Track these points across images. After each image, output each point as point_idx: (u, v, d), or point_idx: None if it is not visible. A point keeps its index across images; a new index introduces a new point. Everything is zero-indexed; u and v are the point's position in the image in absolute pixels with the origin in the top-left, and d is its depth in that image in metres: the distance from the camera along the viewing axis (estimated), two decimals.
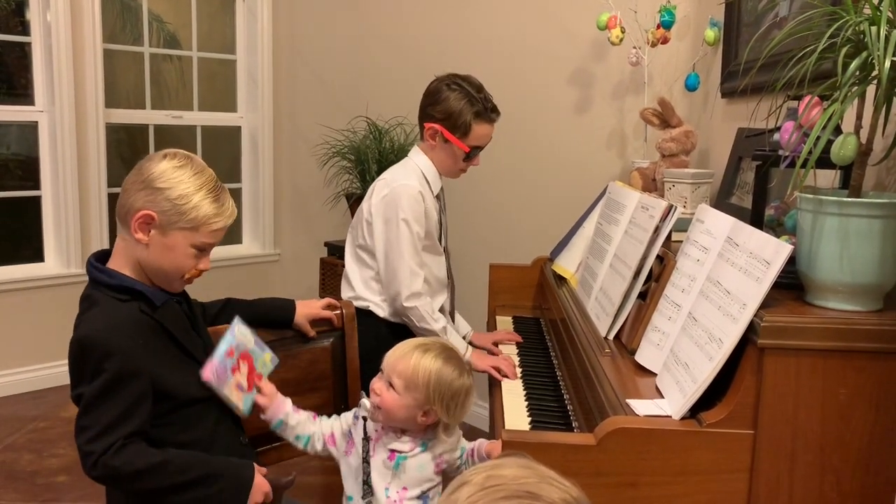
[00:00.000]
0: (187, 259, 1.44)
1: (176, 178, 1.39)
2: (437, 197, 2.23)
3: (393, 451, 1.48)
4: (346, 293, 2.25)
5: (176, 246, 1.42)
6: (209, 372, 1.47)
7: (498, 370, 1.99)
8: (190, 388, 1.45)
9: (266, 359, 1.60)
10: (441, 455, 1.50)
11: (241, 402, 1.52)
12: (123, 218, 1.42)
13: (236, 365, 1.52)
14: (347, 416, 1.58)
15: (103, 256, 1.48)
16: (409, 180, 2.11)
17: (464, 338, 2.31)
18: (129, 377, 1.34)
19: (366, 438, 1.51)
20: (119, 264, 1.45)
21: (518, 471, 0.73)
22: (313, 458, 1.63)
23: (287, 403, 1.59)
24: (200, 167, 1.44)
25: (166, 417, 1.41)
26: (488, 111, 2.14)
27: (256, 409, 1.57)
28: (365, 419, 1.51)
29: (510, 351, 2.18)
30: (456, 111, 2.09)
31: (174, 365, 1.44)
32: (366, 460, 1.50)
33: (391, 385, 1.45)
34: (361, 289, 2.19)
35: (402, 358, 1.46)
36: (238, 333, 1.55)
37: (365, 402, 1.49)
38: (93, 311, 1.39)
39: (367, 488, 1.48)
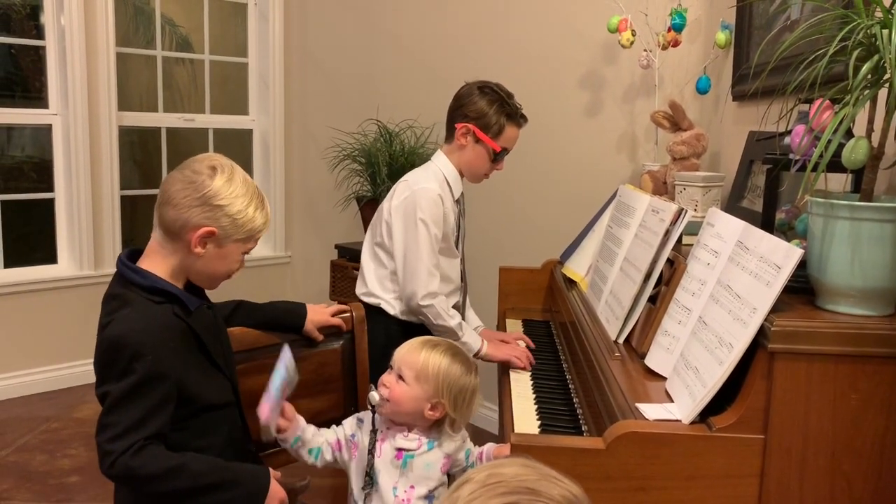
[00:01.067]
0: (237, 263, 1.51)
1: (232, 193, 1.43)
2: (458, 201, 2.26)
3: (400, 449, 1.51)
4: (359, 289, 2.29)
5: (230, 255, 1.48)
6: (266, 412, 1.47)
7: (517, 358, 2.06)
8: (210, 394, 1.47)
9: (294, 381, 1.59)
10: (447, 455, 1.52)
11: (272, 424, 1.51)
12: (177, 231, 1.43)
13: (286, 393, 1.53)
14: (349, 422, 1.60)
15: (132, 255, 1.49)
16: (430, 183, 2.15)
17: (475, 329, 2.34)
18: (156, 379, 1.35)
19: (373, 430, 1.53)
20: (154, 268, 1.45)
21: (519, 469, 0.74)
22: (332, 464, 1.64)
23: (302, 421, 1.60)
24: (244, 178, 1.48)
25: (185, 422, 1.42)
26: (518, 115, 2.19)
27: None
28: (374, 410, 1.52)
29: None
30: (489, 111, 2.15)
31: (199, 370, 1.45)
32: (371, 452, 1.51)
33: (401, 377, 1.50)
34: (375, 286, 2.22)
35: (411, 352, 1.52)
36: (290, 367, 1.54)
37: (374, 394, 1.51)
38: (126, 310, 1.39)
39: (369, 479, 1.50)
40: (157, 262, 1.45)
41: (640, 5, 2.64)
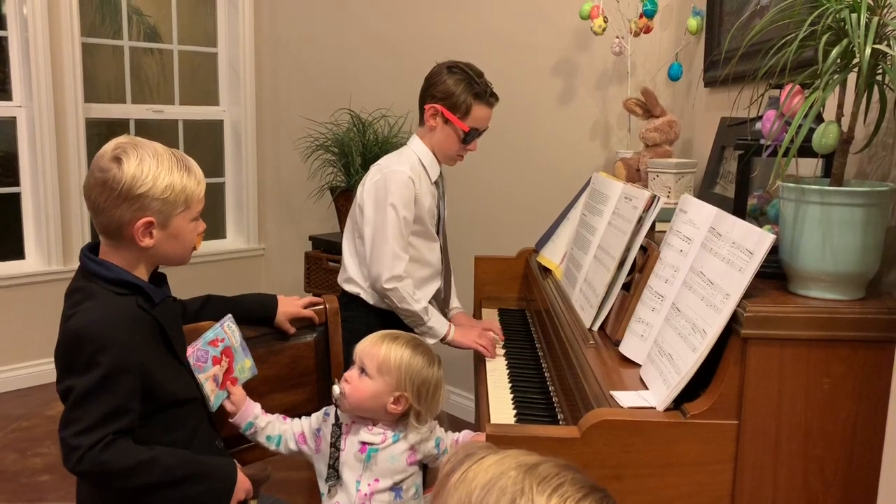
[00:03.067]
0: (192, 234, 1.46)
1: (148, 175, 1.36)
2: (436, 183, 2.24)
3: (364, 443, 1.50)
4: (341, 275, 2.29)
5: (181, 230, 1.43)
6: (190, 351, 1.47)
7: (483, 346, 2.06)
8: (175, 388, 1.44)
9: (246, 365, 1.60)
10: (414, 446, 1.51)
11: (212, 395, 1.52)
12: (117, 233, 1.38)
13: (219, 357, 1.52)
14: (316, 415, 1.60)
15: (94, 248, 1.45)
16: (401, 166, 2.14)
17: (451, 310, 2.36)
18: (122, 372, 1.32)
19: (336, 425, 1.52)
20: (114, 260, 1.41)
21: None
22: (297, 453, 1.63)
23: (255, 407, 1.60)
24: (153, 151, 1.39)
25: (151, 417, 1.39)
26: (487, 95, 2.18)
27: (223, 411, 1.57)
28: (337, 405, 1.51)
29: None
30: (456, 92, 2.13)
31: (164, 364, 1.42)
32: (334, 445, 1.50)
33: (363, 371, 1.49)
34: (356, 273, 2.22)
35: (373, 345, 1.51)
36: (227, 329, 1.56)
37: (336, 387, 1.50)
38: (89, 302, 1.36)
39: (333, 472, 1.50)
40: (116, 258, 1.42)
41: None
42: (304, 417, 1.61)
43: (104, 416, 1.30)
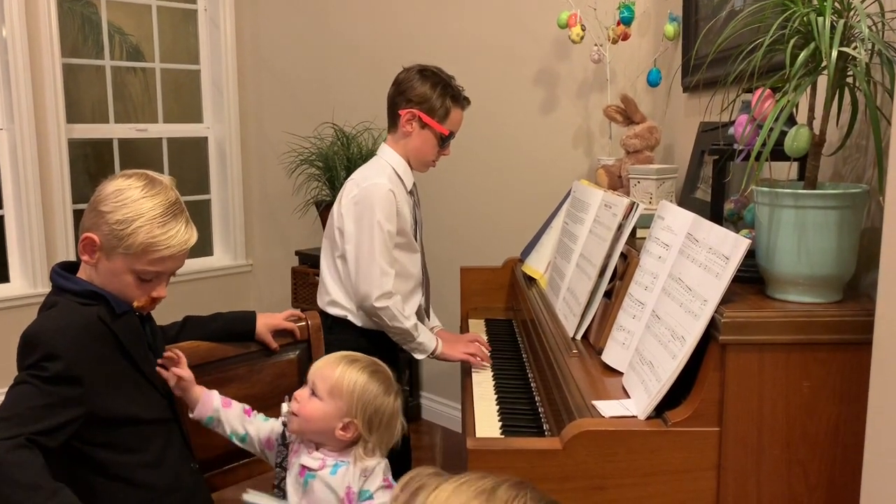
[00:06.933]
0: (129, 286, 1.39)
1: (121, 200, 1.34)
2: (411, 192, 2.20)
3: (304, 466, 1.43)
4: (322, 299, 2.21)
5: (117, 272, 1.37)
6: None
7: (473, 355, 2.04)
8: (137, 408, 1.40)
9: None
10: (350, 487, 1.39)
11: None
12: (79, 238, 1.39)
13: None
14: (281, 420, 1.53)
15: (68, 267, 1.45)
16: (379, 178, 2.09)
17: (432, 330, 2.30)
18: (65, 381, 1.28)
19: (284, 444, 1.47)
20: (86, 277, 1.41)
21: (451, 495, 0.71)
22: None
23: (214, 398, 1.53)
24: (156, 190, 1.37)
25: (109, 435, 1.35)
26: (461, 98, 2.16)
27: (183, 403, 1.52)
28: (285, 424, 1.47)
29: None
30: (433, 96, 2.11)
31: (126, 382, 1.40)
32: (280, 465, 1.46)
33: (314, 392, 1.42)
34: (340, 296, 2.15)
35: (328, 366, 1.44)
36: None
37: (284, 405, 1.45)
38: (50, 310, 1.36)
39: (279, 492, 1.45)
40: (85, 272, 1.42)
41: (589, 0, 2.64)
42: (271, 419, 1.54)
43: (29, 411, 1.23)
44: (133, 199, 1.35)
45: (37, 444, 1.23)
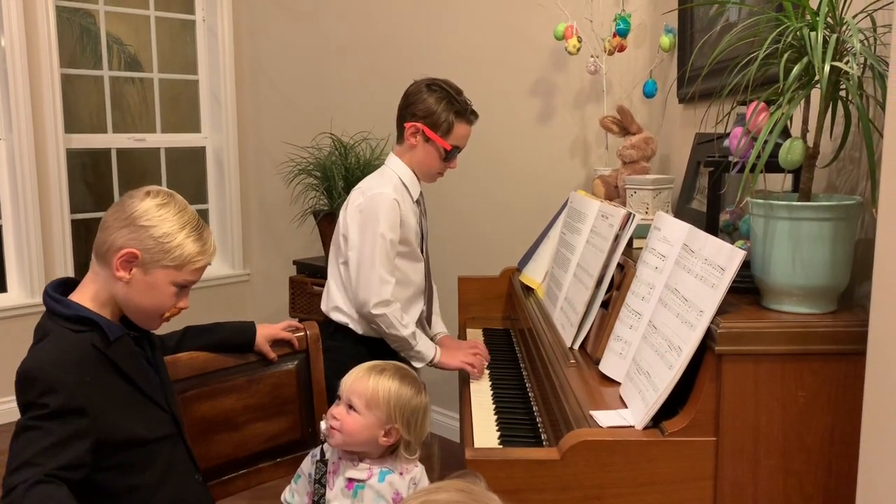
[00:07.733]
0: (168, 297, 1.43)
1: (160, 216, 1.38)
2: (417, 202, 2.22)
3: (351, 479, 1.47)
4: (325, 304, 2.24)
5: (158, 284, 1.41)
6: None
7: (471, 365, 2.05)
8: (140, 428, 1.40)
9: None
10: (397, 491, 1.46)
11: None
12: (103, 255, 1.39)
13: None
14: (307, 463, 1.56)
15: (63, 285, 1.44)
16: (385, 188, 2.11)
17: (435, 336, 2.32)
18: (69, 413, 1.28)
19: (322, 461, 1.50)
20: (83, 297, 1.41)
21: (454, 494, 0.72)
22: (283, 483, 1.61)
23: None
24: (183, 205, 1.43)
25: (112, 458, 1.35)
26: (468, 112, 2.17)
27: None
28: (323, 442, 1.49)
29: None
30: (437, 110, 2.12)
31: (126, 403, 1.39)
32: (319, 482, 1.48)
33: (351, 407, 1.45)
34: (343, 303, 2.18)
35: (359, 380, 1.48)
36: None
37: (322, 423, 1.48)
38: (43, 342, 1.35)
39: None
40: (87, 290, 1.41)
41: (585, 12, 2.66)
42: (300, 477, 1.56)
43: (41, 453, 1.23)
44: (171, 214, 1.40)
45: (58, 479, 1.23)
